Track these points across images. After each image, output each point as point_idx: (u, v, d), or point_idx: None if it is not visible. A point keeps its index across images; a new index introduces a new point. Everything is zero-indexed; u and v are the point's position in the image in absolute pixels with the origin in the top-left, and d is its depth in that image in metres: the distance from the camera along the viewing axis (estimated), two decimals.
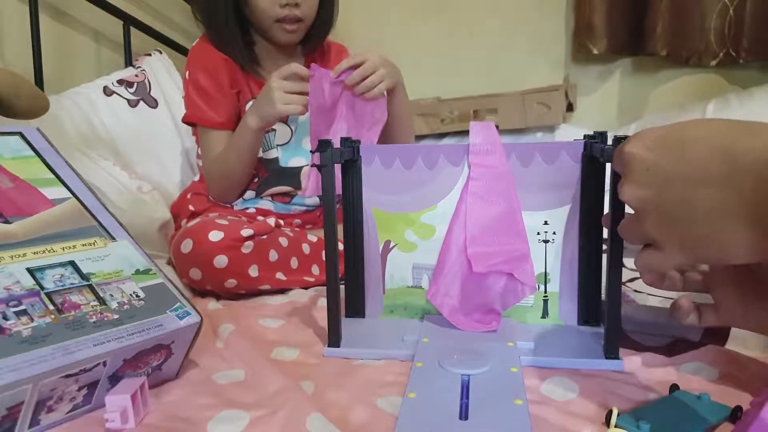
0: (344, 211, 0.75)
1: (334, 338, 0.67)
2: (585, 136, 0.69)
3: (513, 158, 0.71)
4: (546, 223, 0.71)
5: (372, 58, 1.01)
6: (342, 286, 0.72)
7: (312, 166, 0.67)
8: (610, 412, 0.48)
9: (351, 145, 0.74)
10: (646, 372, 0.60)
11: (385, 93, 1.03)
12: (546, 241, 0.72)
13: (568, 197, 0.70)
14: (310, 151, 1.12)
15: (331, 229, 0.66)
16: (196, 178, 1.31)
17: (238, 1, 1.11)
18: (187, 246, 0.93)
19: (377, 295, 0.76)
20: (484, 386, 0.53)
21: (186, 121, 1.19)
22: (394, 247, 0.75)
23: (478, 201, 0.71)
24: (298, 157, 1.20)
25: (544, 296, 0.72)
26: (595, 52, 1.69)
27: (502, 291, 0.69)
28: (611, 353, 0.61)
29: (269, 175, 1.19)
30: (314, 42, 1.22)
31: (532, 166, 0.71)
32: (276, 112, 1.01)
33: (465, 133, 1.68)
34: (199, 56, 1.16)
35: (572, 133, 1.60)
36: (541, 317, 0.73)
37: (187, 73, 1.18)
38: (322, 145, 0.65)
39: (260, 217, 1.11)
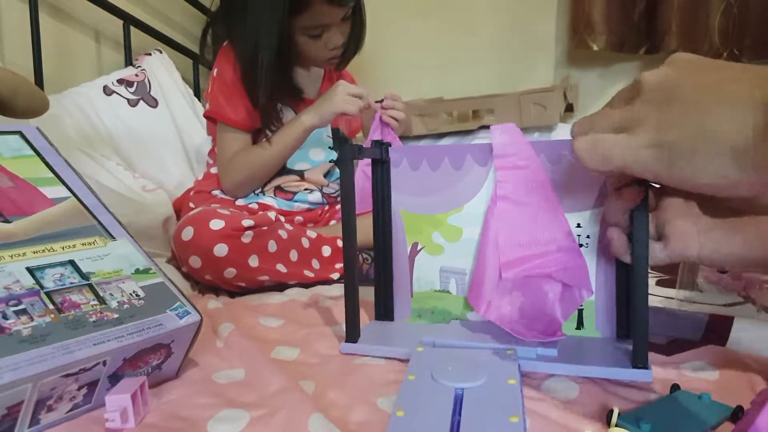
0: (374, 213, 0.75)
1: (351, 334, 0.67)
2: None
3: (541, 157, 0.67)
4: (579, 225, 0.66)
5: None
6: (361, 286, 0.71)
7: (331, 162, 0.68)
8: (610, 412, 0.48)
9: (380, 145, 0.73)
10: None
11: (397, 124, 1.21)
12: (580, 245, 0.67)
13: (601, 197, 0.66)
14: (330, 147, 1.27)
15: (349, 224, 0.65)
16: (200, 176, 1.31)
17: (281, 45, 1.11)
18: (188, 233, 0.94)
19: (405, 299, 0.75)
20: (479, 401, 0.50)
21: (206, 115, 1.22)
22: (421, 249, 0.74)
23: (510, 205, 0.68)
24: (304, 162, 1.25)
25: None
26: (595, 48, 1.68)
27: (560, 297, 0.65)
28: (639, 362, 0.57)
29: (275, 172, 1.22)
30: (344, 63, 1.27)
31: (561, 165, 0.67)
32: (335, 108, 1.12)
33: (464, 133, 1.68)
34: (231, 55, 1.17)
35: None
36: (576, 328, 0.68)
37: (215, 70, 1.20)
38: (340, 141, 0.65)
39: (261, 212, 1.12)
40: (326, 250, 1.07)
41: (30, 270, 0.51)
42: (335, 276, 1.06)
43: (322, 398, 0.55)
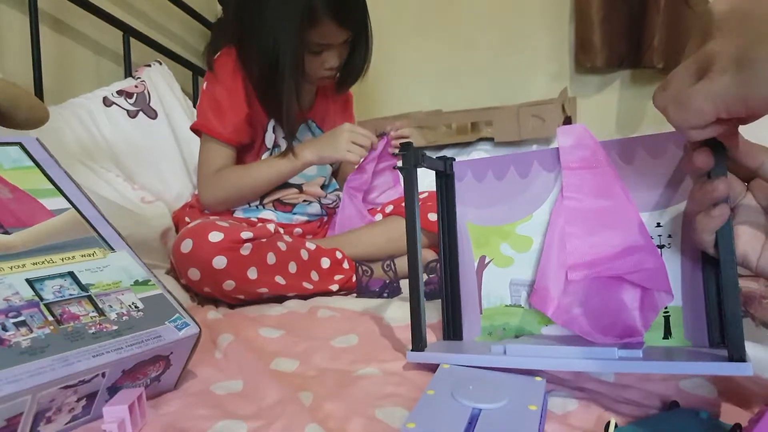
0: (440, 229, 0.72)
1: (417, 343, 0.64)
2: None
3: (613, 156, 0.64)
4: (659, 225, 0.62)
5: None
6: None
7: (395, 168, 0.68)
8: (608, 424, 0.48)
9: (444, 159, 0.72)
10: (645, 386, 0.60)
11: None
12: (661, 246, 0.62)
13: (682, 193, 0.61)
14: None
15: (412, 233, 0.64)
16: (196, 191, 1.32)
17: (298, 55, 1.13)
18: (186, 246, 0.94)
19: (474, 316, 0.71)
20: (495, 423, 0.48)
21: (193, 128, 1.22)
22: (489, 262, 0.70)
23: (577, 204, 0.65)
24: (297, 176, 1.25)
25: (665, 312, 0.62)
26: (599, 64, 1.70)
27: (640, 305, 0.61)
28: (737, 355, 0.51)
29: None
30: (344, 88, 1.30)
31: (635, 163, 0.63)
32: (338, 156, 1.15)
33: (463, 145, 1.69)
34: (221, 70, 1.18)
35: None
36: (663, 338, 0.62)
37: (205, 84, 1.20)
38: (404, 147, 0.64)
39: (260, 224, 1.12)
40: (325, 262, 1.08)
41: (29, 282, 0.51)
42: (334, 288, 1.06)
43: (320, 409, 0.55)
